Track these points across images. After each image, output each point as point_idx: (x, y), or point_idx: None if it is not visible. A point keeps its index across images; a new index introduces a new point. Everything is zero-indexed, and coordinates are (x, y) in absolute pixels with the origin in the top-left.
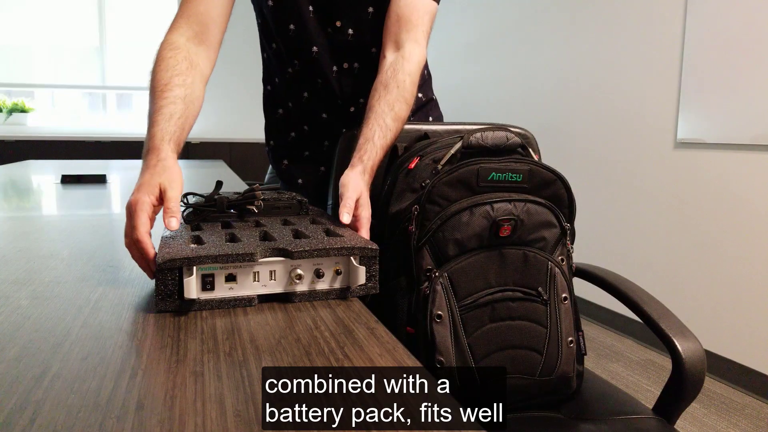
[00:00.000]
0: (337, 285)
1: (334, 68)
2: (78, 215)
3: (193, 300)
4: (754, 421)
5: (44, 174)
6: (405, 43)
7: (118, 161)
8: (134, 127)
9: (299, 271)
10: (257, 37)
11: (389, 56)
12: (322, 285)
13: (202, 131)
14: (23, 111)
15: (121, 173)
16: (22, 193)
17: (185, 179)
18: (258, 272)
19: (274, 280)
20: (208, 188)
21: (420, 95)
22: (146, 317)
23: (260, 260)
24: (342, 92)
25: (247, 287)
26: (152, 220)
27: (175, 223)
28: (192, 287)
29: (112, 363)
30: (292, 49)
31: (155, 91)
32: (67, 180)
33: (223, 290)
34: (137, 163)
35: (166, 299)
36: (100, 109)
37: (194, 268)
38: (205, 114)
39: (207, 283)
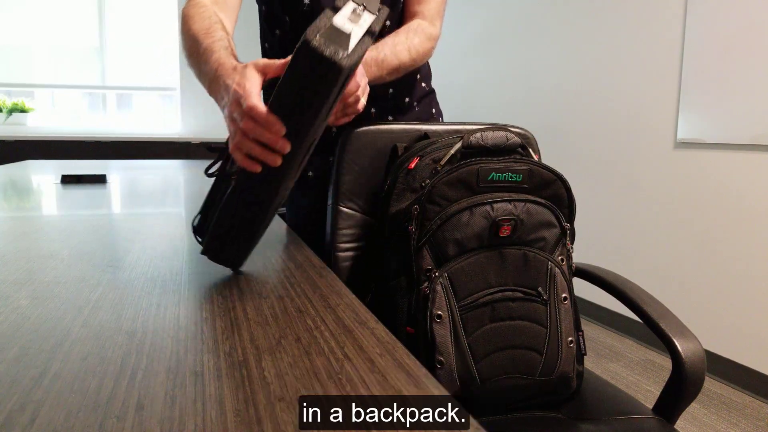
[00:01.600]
0: None
1: None
2: (78, 215)
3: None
4: (754, 421)
5: (44, 174)
6: (424, 20)
7: (118, 161)
8: (134, 127)
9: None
10: (256, 34)
11: (407, 22)
12: None
13: (202, 131)
14: (23, 111)
15: (121, 173)
16: (22, 193)
17: (185, 179)
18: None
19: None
20: (208, 188)
21: (424, 85)
22: (146, 317)
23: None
24: None
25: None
26: None
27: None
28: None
29: (112, 363)
30: (305, 27)
31: (198, 36)
32: (67, 180)
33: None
34: (137, 163)
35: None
36: (100, 109)
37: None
38: (204, 114)
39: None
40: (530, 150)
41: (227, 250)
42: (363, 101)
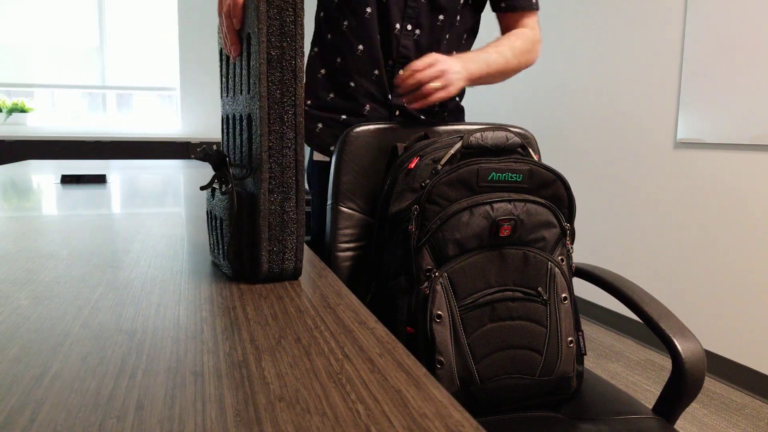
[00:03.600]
0: None
1: (397, 26)
2: (78, 215)
3: None
4: (754, 421)
5: (44, 174)
6: (525, 27)
7: (118, 161)
8: (134, 127)
9: None
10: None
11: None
12: None
13: (202, 131)
14: (23, 111)
15: (121, 173)
16: (22, 193)
17: (185, 179)
18: None
19: None
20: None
21: (457, 99)
22: (146, 317)
23: None
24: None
25: None
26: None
27: None
28: None
29: (112, 363)
30: (360, 33)
31: None
32: (67, 180)
33: None
34: (137, 163)
35: None
36: (100, 109)
37: None
38: (205, 114)
39: None
40: (530, 150)
41: (288, 257)
42: (435, 84)
